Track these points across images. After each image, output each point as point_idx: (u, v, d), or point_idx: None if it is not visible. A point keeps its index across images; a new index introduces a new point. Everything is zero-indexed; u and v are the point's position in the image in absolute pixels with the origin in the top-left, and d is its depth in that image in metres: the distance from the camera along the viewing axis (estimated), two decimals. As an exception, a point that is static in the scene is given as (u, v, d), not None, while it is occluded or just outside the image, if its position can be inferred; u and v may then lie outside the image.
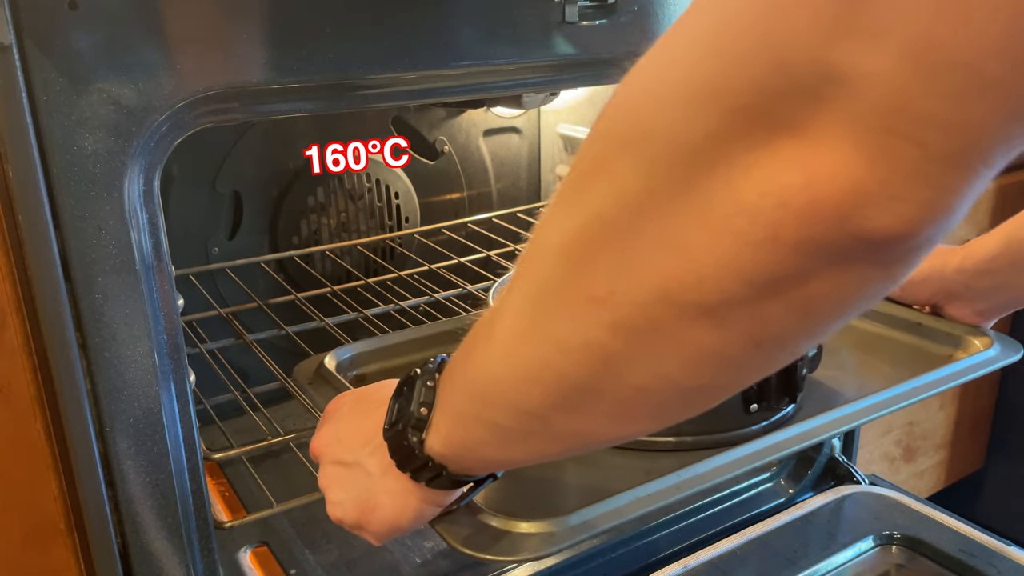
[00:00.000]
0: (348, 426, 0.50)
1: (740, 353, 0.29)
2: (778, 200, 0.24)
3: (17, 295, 0.52)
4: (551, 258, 0.32)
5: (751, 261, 0.26)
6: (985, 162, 0.23)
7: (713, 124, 0.25)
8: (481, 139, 1.24)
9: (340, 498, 0.48)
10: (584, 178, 0.30)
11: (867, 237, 0.24)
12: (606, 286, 0.29)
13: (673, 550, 0.87)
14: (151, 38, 0.50)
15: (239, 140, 1.04)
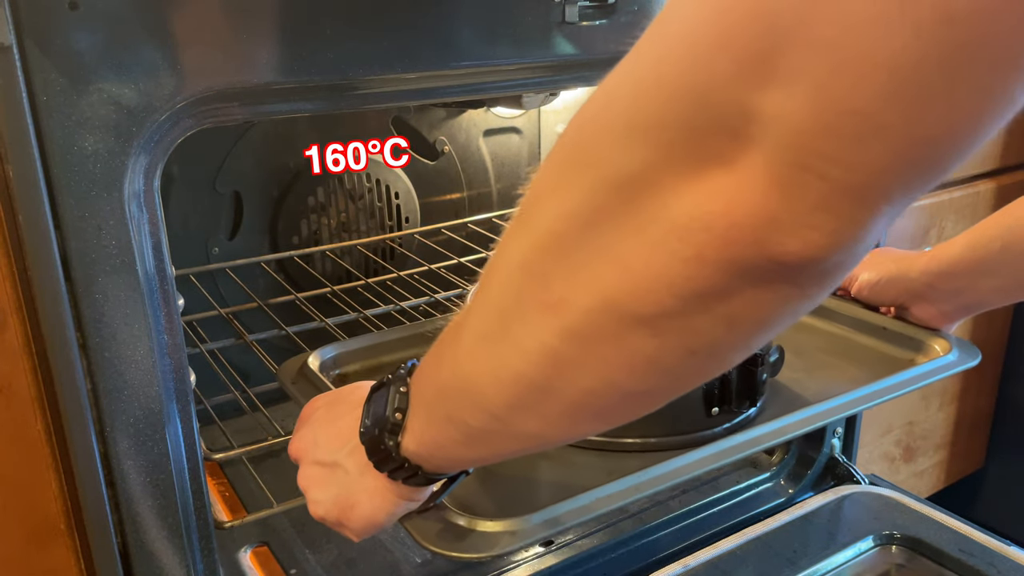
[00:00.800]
0: (325, 429, 0.52)
1: (676, 360, 0.32)
2: (704, 224, 0.28)
3: (17, 295, 0.52)
4: (511, 268, 0.35)
5: (681, 276, 0.29)
6: (886, 199, 0.26)
7: (651, 155, 0.28)
8: (481, 139, 1.24)
9: (320, 497, 0.51)
10: (541, 197, 0.33)
11: (780, 260, 0.28)
12: (558, 294, 0.32)
13: (673, 550, 0.87)
14: (151, 38, 0.50)
15: (239, 140, 1.04)
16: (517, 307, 0.35)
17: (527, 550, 0.86)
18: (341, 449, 0.50)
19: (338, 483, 0.50)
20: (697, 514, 0.92)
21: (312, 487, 0.51)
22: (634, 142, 0.29)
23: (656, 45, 0.29)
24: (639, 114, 0.29)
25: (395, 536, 0.89)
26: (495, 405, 0.38)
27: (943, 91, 0.24)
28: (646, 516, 0.91)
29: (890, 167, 0.26)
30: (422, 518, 0.53)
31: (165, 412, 0.57)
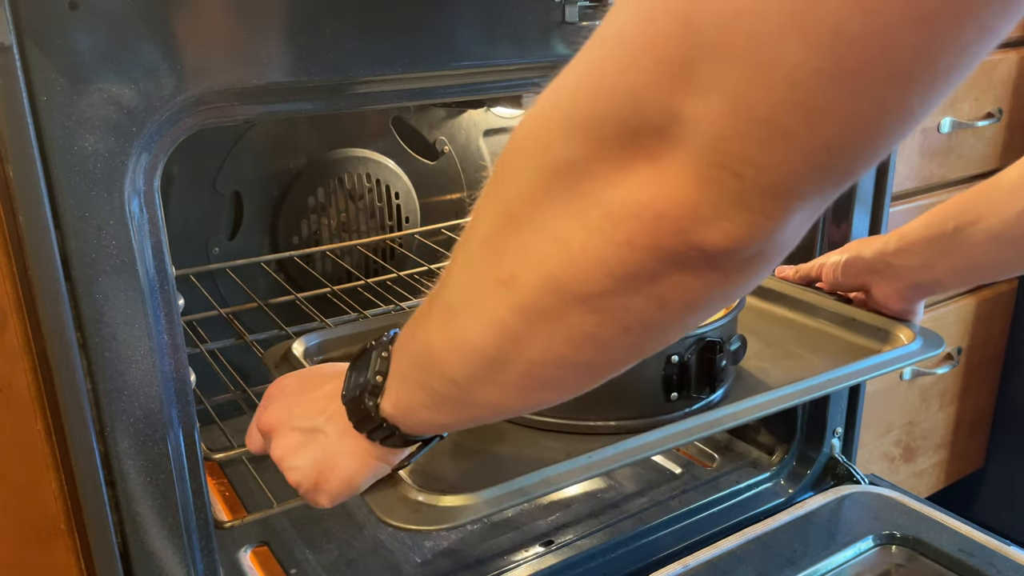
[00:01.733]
0: (299, 399, 0.54)
1: (613, 337, 0.35)
2: (633, 212, 0.31)
3: (17, 295, 0.52)
4: (474, 246, 0.38)
5: (614, 258, 0.32)
6: (798, 197, 0.29)
7: (589, 147, 0.31)
8: (481, 139, 1.24)
9: (298, 463, 0.53)
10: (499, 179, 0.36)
11: (702, 248, 0.30)
12: (510, 270, 0.35)
13: (673, 550, 0.87)
14: (151, 38, 0.50)
15: (239, 140, 1.04)
16: (476, 282, 0.38)
17: (527, 550, 0.86)
18: (321, 414, 0.52)
19: (318, 447, 0.52)
20: (697, 514, 0.92)
21: (289, 454, 0.53)
22: (575, 134, 0.31)
23: (597, 46, 0.31)
24: (580, 109, 0.31)
25: (395, 536, 0.89)
26: (457, 374, 0.41)
27: (840, 102, 0.26)
28: (646, 516, 0.91)
29: (797, 170, 0.28)
30: (381, 494, 0.56)
31: (165, 412, 0.57)
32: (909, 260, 0.74)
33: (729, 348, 0.71)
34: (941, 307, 1.32)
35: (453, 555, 0.87)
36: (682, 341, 0.69)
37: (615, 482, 0.99)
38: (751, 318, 0.90)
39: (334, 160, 1.11)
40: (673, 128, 0.29)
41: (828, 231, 0.94)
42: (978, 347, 1.41)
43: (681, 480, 0.99)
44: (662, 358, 0.68)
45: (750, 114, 0.27)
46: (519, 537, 0.89)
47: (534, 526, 0.91)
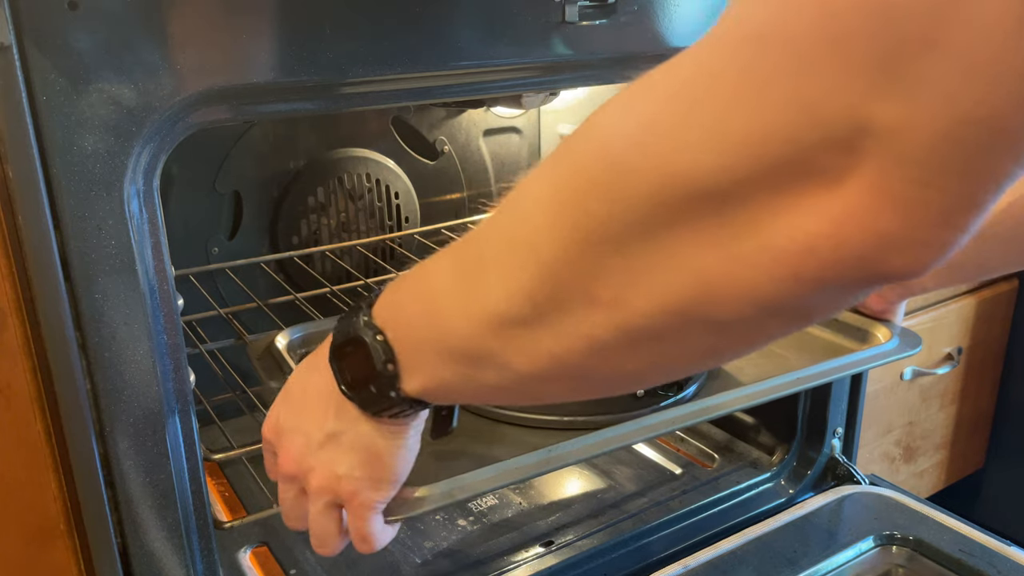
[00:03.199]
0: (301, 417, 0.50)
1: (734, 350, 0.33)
2: (804, 246, 0.26)
3: (17, 295, 0.52)
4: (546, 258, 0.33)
5: (769, 292, 0.28)
6: (995, 198, 0.25)
7: (744, 168, 0.26)
8: (481, 139, 1.24)
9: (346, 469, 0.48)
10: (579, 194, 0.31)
11: (887, 276, 0.27)
12: (612, 293, 0.31)
13: (673, 550, 0.87)
14: (151, 38, 0.50)
15: (239, 140, 1.04)
16: (555, 298, 0.33)
17: (527, 550, 0.86)
18: (328, 418, 0.48)
19: (350, 446, 0.47)
20: (697, 514, 0.92)
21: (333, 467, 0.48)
22: (725, 153, 0.27)
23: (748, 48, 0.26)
24: (733, 124, 0.26)
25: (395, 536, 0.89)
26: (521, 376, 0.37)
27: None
28: (646, 516, 0.91)
29: (1007, 169, 0.25)
30: None
31: (165, 412, 0.57)
32: None
33: None
34: (941, 307, 1.32)
35: (453, 555, 0.87)
36: None
37: (615, 482, 0.99)
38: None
39: (334, 160, 1.11)
40: (861, 141, 0.24)
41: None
42: (978, 347, 1.41)
43: (681, 480, 0.99)
44: None
45: (967, 116, 0.23)
46: (519, 537, 0.89)
47: (534, 526, 0.91)
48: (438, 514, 0.93)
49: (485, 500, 0.95)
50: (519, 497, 0.96)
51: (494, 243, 0.37)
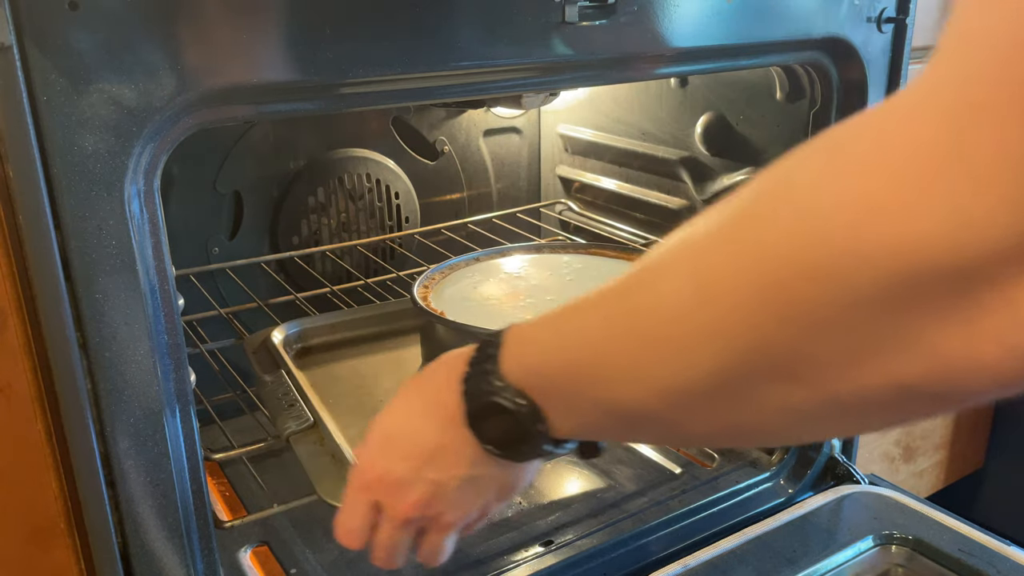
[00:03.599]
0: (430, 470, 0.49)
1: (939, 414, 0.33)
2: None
3: (17, 295, 0.52)
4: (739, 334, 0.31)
5: (1017, 370, 0.26)
6: None
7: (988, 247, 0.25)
8: (481, 139, 1.24)
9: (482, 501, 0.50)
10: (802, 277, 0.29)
11: None
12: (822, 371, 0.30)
13: (673, 550, 0.87)
14: (151, 38, 0.50)
15: (239, 140, 1.04)
16: (749, 378, 0.32)
17: (527, 549, 0.86)
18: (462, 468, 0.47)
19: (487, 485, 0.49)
20: (697, 514, 0.92)
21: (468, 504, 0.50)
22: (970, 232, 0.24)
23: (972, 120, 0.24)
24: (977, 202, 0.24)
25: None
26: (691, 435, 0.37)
27: None
28: (646, 516, 0.91)
29: None
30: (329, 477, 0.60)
31: (165, 412, 0.57)
32: None
33: None
34: (941, 307, 1.32)
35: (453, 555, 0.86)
36: None
37: (615, 482, 0.99)
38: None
39: (334, 160, 1.11)
40: None
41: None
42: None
43: (681, 480, 0.99)
44: None
45: None
46: (519, 537, 0.89)
47: (534, 526, 0.91)
48: (438, 514, 0.93)
49: (485, 500, 0.95)
50: (519, 497, 0.96)
51: (664, 316, 0.34)
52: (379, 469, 0.50)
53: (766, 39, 0.76)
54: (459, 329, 0.74)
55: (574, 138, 1.25)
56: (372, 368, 0.84)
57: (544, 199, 1.32)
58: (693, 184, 1.08)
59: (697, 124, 1.05)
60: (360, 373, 0.83)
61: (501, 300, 0.83)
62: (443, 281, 0.86)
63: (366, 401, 0.78)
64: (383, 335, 0.90)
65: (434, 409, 0.47)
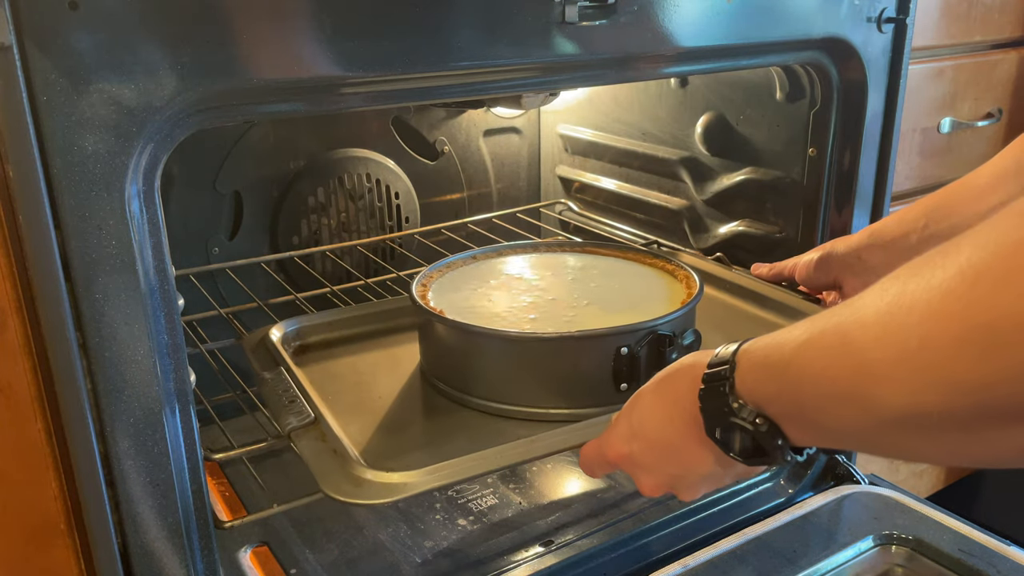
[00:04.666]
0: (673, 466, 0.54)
1: None
2: None
3: (17, 295, 0.52)
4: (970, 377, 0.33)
5: None
6: None
7: None
8: (481, 139, 1.24)
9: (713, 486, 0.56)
10: None
11: None
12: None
13: (673, 550, 0.87)
14: (151, 38, 0.50)
15: (239, 140, 1.04)
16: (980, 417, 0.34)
17: (527, 550, 0.87)
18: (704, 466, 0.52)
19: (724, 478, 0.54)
20: (697, 514, 0.92)
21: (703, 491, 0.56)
22: None
23: None
24: None
25: (395, 536, 0.89)
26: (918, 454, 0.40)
27: None
28: (646, 516, 0.91)
29: None
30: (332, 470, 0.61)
31: (165, 412, 0.57)
32: (880, 256, 0.75)
33: (681, 342, 0.72)
34: (941, 307, 1.32)
35: (453, 555, 0.87)
36: (633, 333, 0.71)
37: (615, 482, 0.99)
38: (719, 313, 0.92)
39: (334, 160, 1.11)
40: None
41: (828, 231, 0.94)
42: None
43: (681, 480, 0.99)
44: (612, 350, 0.71)
45: None
46: (519, 537, 0.89)
47: (534, 526, 0.91)
48: (438, 514, 0.93)
49: (485, 500, 0.96)
50: (519, 497, 0.96)
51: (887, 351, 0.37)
52: (625, 452, 0.57)
53: (766, 39, 0.76)
54: (458, 327, 0.75)
55: (574, 138, 1.25)
56: (370, 365, 0.85)
57: (544, 199, 1.32)
58: (693, 184, 1.08)
59: (697, 124, 1.05)
60: (358, 370, 0.84)
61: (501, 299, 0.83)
62: (441, 279, 0.87)
63: (365, 398, 0.78)
64: (380, 332, 0.91)
65: (677, 413, 0.52)
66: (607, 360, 0.71)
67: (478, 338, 0.74)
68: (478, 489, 0.97)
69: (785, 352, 0.44)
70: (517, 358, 0.74)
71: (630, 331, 0.71)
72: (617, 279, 0.88)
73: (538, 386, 0.73)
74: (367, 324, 0.91)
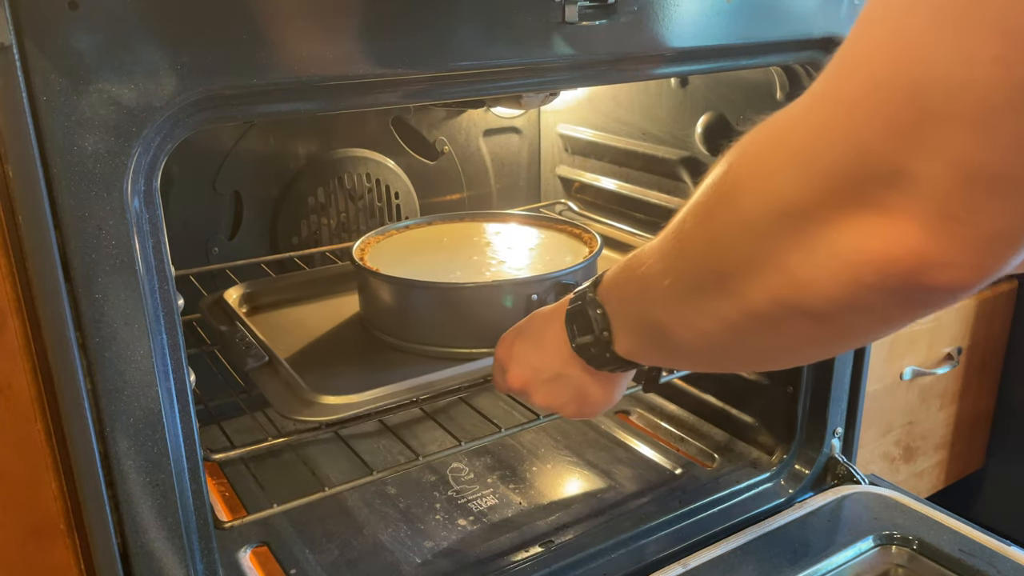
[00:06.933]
0: (535, 355, 0.64)
1: (831, 340, 0.41)
2: (863, 257, 0.34)
3: (17, 295, 0.52)
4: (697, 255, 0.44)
5: (840, 292, 0.35)
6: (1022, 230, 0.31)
7: (820, 195, 0.35)
8: (481, 139, 1.24)
9: (561, 401, 0.63)
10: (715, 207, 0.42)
11: (931, 288, 0.33)
12: (736, 285, 0.41)
13: (673, 550, 0.87)
14: (151, 38, 0.50)
15: (239, 140, 1.04)
16: (701, 287, 0.44)
17: (527, 550, 0.87)
18: (554, 363, 0.62)
19: (569, 386, 0.62)
20: (697, 514, 0.92)
21: (552, 400, 0.64)
22: (806, 183, 0.35)
23: (826, 103, 0.35)
24: (808, 157, 0.35)
25: (395, 536, 0.89)
26: (686, 347, 0.49)
27: None
28: (646, 516, 0.91)
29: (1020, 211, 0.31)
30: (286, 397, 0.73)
31: (165, 412, 0.57)
32: None
33: None
34: (941, 307, 1.32)
35: (453, 555, 0.87)
36: (541, 282, 0.83)
37: (615, 482, 0.99)
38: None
39: (334, 160, 1.11)
40: (902, 183, 0.31)
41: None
42: (978, 347, 1.41)
43: (681, 480, 0.99)
44: (525, 297, 0.82)
45: (980, 172, 0.30)
46: (519, 537, 0.89)
47: (534, 526, 0.91)
48: (438, 514, 0.93)
49: (485, 500, 0.96)
50: (519, 497, 0.96)
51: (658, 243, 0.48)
52: (506, 342, 0.67)
53: (766, 39, 0.76)
54: (392, 281, 0.86)
55: (574, 138, 1.25)
56: (315, 319, 0.95)
57: (544, 199, 1.32)
58: (693, 184, 1.08)
59: (697, 124, 1.05)
60: (305, 324, 0.94)
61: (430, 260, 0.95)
62: (377, 245, 0.98)
63: (311, 344, 0.89)
64: (324, 293, 1.01)
65: (557, 311, 0.62)
66: (521, 305, 0.82)
67: (410, 289, 0.85)
68: (478, 489, 0.98)
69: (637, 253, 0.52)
70: (443, 306, 0.85)
71: (538, 280, 0.84)
72: (534, 242, 1.01)
73: (462, 330, 0.83)
74: (312, 288, 1.00)
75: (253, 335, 0.84)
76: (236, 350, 0.82)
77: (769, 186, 0.37)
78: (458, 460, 1.03)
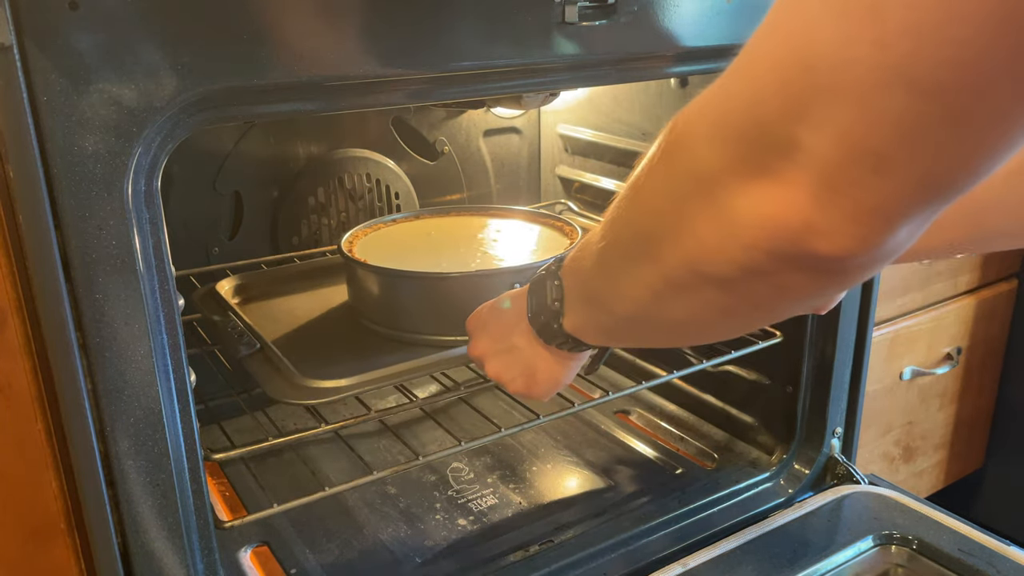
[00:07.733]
0: (495, 325, 0.66)
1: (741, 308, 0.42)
2: (757, 221, 0.36)
3: (17, 295, 0.52)
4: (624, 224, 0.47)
5: (740, 255, 0.37)
6: (904, 216, 0.33)
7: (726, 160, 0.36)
8: (481, 139, 1.24)
9: (511, 375, 0.65)
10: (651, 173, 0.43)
11: (816, 255, 0.35)
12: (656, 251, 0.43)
13: (673, 550, 0.87)
14: (151, 38, 0.50)
15: (239, 140, 1.04)
16: (631, 254, 0.46)
17: (527, 550, 0.87)
18: (512, 334, 0.63)
19: (520, 360, 0.64)
20: (697, 514, 0.92)
21: (502, 371, 0.65)
22: (716, 147, 0.37)
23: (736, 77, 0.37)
24: (721, 127, 0.37)
25: (395, 536, 0.89)
26: (617, 314, 0.51)
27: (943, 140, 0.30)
28: (646, 516, 0.91)
29: (902, 192, 0.32)
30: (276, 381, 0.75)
31: (165, 412, 0.57)
32: None
33: None
34: (941, 307, 1.32)
35: (453, 555, 0.87)
36: (522, 272, 0.85)
37: (615, 482, 0.99)
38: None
39: (334, 160, 1.11)
40: (793, 153, 0.33)
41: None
42: (978, 347, 1.41)
43: (681, 480, 0.99)
44: (507, 286, 0.81)
45: (860, 146, 0.31)
46: (519, 537, 0.89)
47: (534, 526, 0.91)
48: (438, 514, 0.93)
49: (485, 500, 0.96)
50: (519, 497, 0.96)
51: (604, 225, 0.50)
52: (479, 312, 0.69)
53: (766, 39, 0.76)
54: (380, 272, 0.88)
55: (574, 138, 1.25)
56: (304, 308, 0.96)
57: (544, 199, 1.32)
58: (693, 184, 1.08)
59: (697, 124, 1.05)
60: (295, 313, 0.95)
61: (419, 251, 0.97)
62: (365, 238, 0.99)
63: (301, 332, 0.91)
64: (314, 285, 1.02)
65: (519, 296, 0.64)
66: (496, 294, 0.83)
67: (397, 279, 0.87)
68: (478, 489, 0.98)
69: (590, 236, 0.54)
70: (429, 295, 0.87)
71: (519, 270, 0.86)
72: (519, 235, 1.03)
73: (446, 318, 0.84)
74: (302, 278, 1.02)
75: (245, 324, 0.85)
76: (228, 339, 0.84)
77: (690, 153, 0.39)
78: (458, 460, 1.03)
